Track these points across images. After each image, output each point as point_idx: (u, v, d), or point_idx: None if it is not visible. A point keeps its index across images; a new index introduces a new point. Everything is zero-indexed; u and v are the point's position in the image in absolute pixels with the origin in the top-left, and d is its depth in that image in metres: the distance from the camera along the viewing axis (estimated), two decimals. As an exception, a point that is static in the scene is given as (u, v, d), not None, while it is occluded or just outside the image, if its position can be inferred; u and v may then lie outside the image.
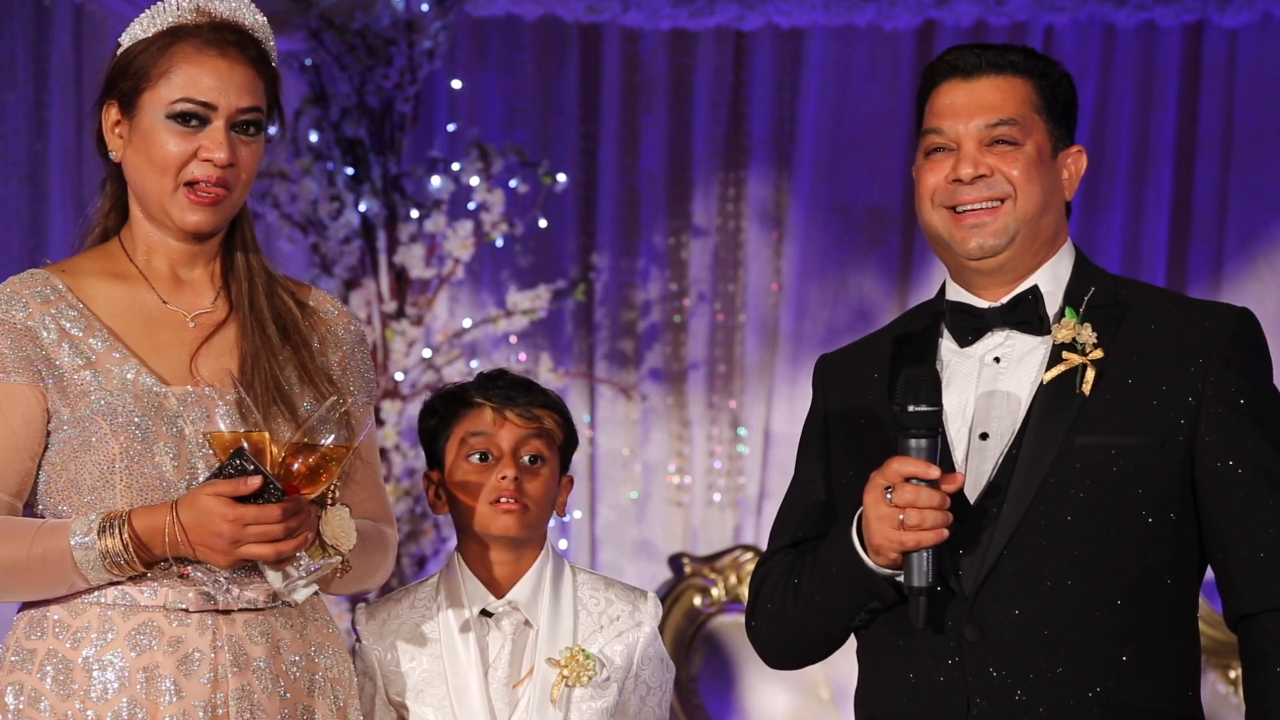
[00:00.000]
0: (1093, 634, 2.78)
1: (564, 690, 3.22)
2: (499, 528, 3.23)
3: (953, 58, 2.96)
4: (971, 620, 2.80)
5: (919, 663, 2.84)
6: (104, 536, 2.85)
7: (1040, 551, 2.79)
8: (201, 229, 2.98)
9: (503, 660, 3.24)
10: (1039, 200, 2.90)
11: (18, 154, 6.22)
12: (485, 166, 6.36)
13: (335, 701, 3.02)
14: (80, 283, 2.99)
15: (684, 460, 6.90)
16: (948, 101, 2.94)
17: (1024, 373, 2.88)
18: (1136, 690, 2.80)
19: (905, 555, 2.75)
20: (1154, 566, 2.81)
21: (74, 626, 2.91)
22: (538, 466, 3.26)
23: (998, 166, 2.89)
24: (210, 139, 2.93)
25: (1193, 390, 2.81)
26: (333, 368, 3.07)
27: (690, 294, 6.93)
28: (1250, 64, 6.69)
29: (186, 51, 2.94)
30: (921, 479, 2.73)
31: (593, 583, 3.32)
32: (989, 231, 2.89)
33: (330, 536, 2.91)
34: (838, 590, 2.87)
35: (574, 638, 3.25)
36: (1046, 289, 2.91)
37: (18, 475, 2.92)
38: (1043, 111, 2.93)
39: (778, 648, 3.03)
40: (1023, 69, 2.94)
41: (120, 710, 2.88)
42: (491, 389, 3.29)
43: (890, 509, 2.74)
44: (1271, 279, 6.71)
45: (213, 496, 2.80)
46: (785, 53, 6.90)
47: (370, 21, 6.30)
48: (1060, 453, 2.81)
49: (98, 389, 2.92)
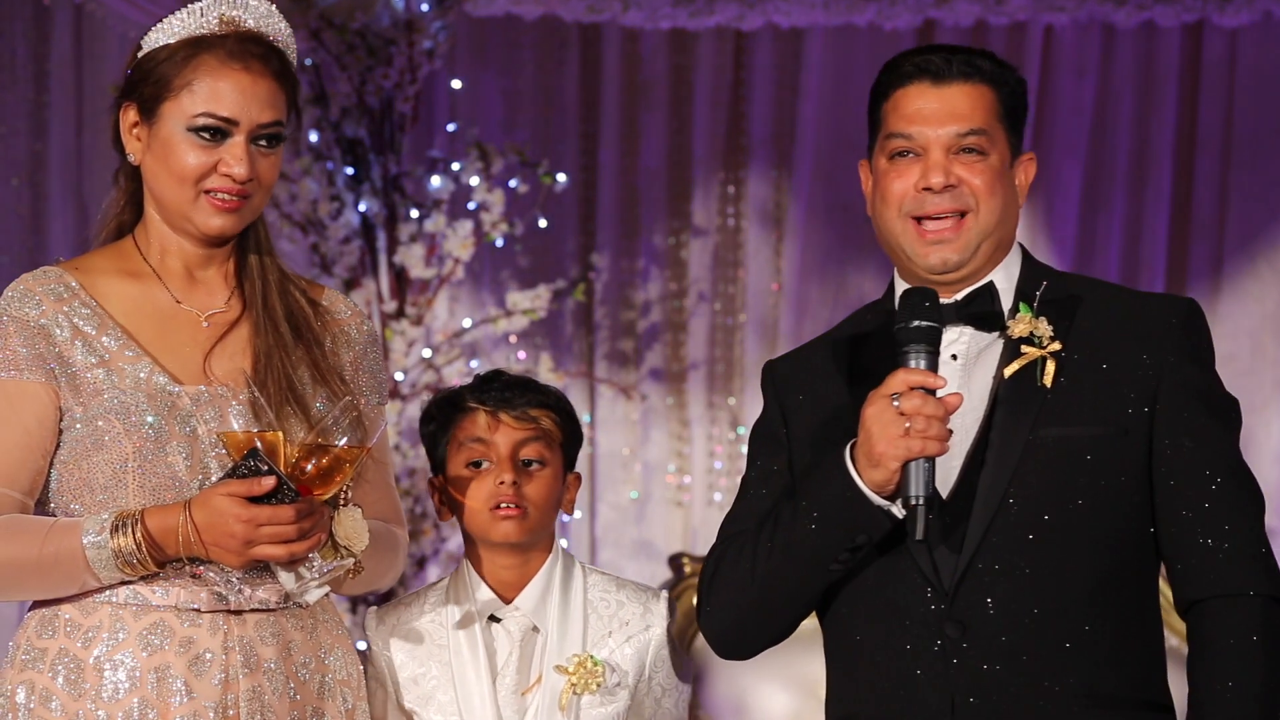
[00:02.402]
0: (1071, 625, 2.80)
1: (573, 698, 3.20)
2: (499, 534, 3.21)
3: (923, 60, 2.94)
4: (952, 617, 2.80)
5: (899, 660, 2.84)
6: (117, 535, 2.85)
7: (1015, 545, 2.80)
8: (225, 233, 2.99)
9: (511, 667, 3.21)
10: (1000, 212, 2.90)
11: (18, 154, 6.22)
12: (485, 166, 6.36)
13: (344, 703, 3.02)
14: (93, 280, 2.99)
15: (684, 460, 6.90)
16: (917, 106, 2.91)
17: (982, 369, 2.89)
18: (1115, 679, 2.81)
19: (905, 467, 2.74)
20: (1123, 556, 2.83)
21: (85, 626, 2.91)
22: (537, 469, 3.23)
23: (964, 178, 2.88)
24: (230, 153, 2.93)
25: (1150, 377, 2.84)
26: (345, 368, 3.07)
27: (690, 294, 6.93)
28: (1250, 64, 6.68)
29: (210, 64, 2.93)
30: (927, 388, 2.75)
31: (604, 584, 3.28)
32: (952, 248, 2.89)
33: (343, 537, 2.91)
34: (823, 526, 2.82)
35: (583, 643, 3.22)
36: (1001, 286, 2.92)
37: (29, 473, 2.92)
38: (1004, 120, 2.93)
39: (741, 620, 2.96)
40: (989, 77, 2.93)
41: (131, 710, 2.88)
42: (486, 393, 3.25)
43: (896, 416, 2.73)
44: (1271, 279, 6.71)
45: (226, 497, 2.80)
46: (785, 52, 6.89)
47: (370, 21, 6.29)
48: (1027, 446, 2.82)
49: (111, 387, 2.91)
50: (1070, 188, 6.74)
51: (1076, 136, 6.73)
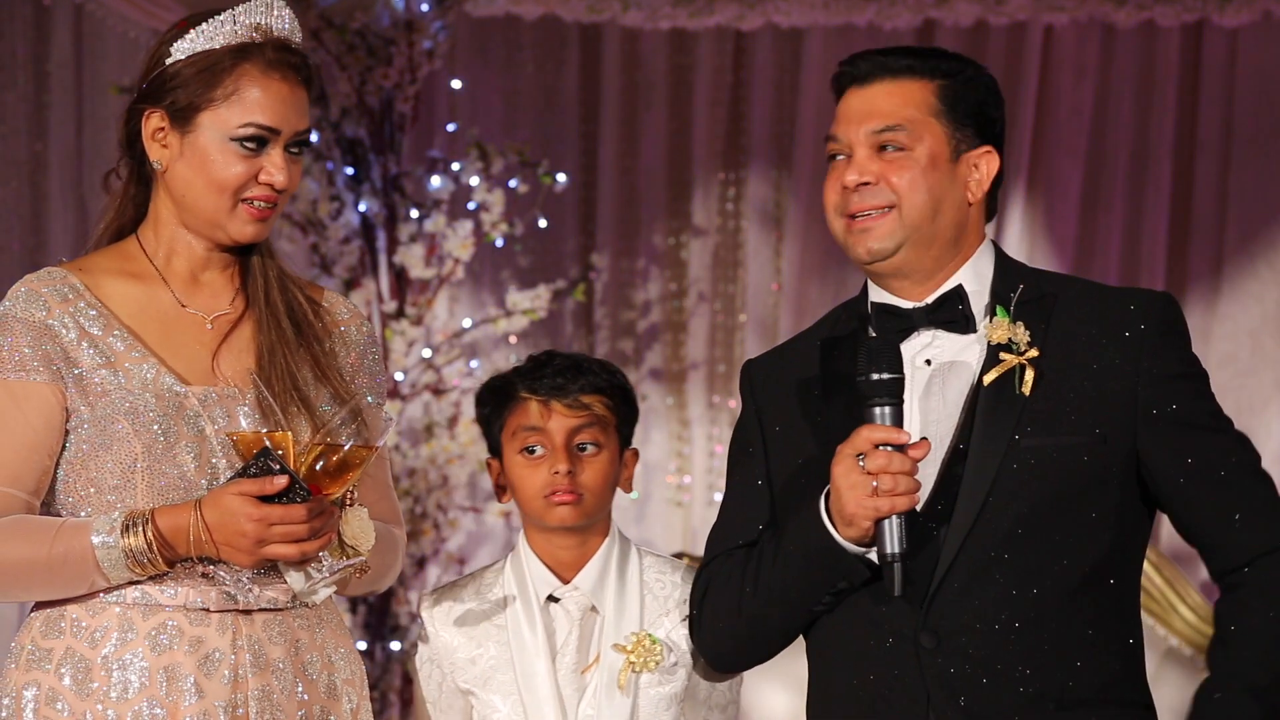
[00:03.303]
0: (1046, 632, 2.80)
1: (631, 676, 3.20)
2: (555, 519, 3.23)
3: (849, 65, 2.98)
4: (926, 626, 2.81)
5: (875, 668, 2.85)
6: (127, 535, 2.85)
7: (992, 555, 2.81)
8: (257, 240, 3.01)
9: (570, 646, 3.23)
10: (925, 206, 2.89)
11: (18, 154, 6.23)
12: (485, 166, 6.35)
13: (350, 703, 3.02)
14: (98, 281, 2.99)
15: (684, 460, 6.90)
16: (843, 108, 2.96)
17: (958, 375, 2.89)
18: (1090, 683, 2.82)
19: (878, 523, 2.75)
20: (1100, 560, 2.83)
21: (92, 626, 2.91)
22: (592, 453, 3.25)
23: (883, 174, 2.89)
24: (272, 163, 2.94)
25: (1129, 379, 2.84)
26: (345, 369, 3.07)
27: (690, 294, 6.93)
28: (1250, 64, 6.68)
29: (253, 74, 2.94)
30: (891, 444, 2.75)
31: (659, 565, 3.30)
32: (874, 236, 2.90)
33: (350, 537, 2.91)
34: (804, 573, 2.86)
35: (640, 622, 3.23)
36: (971, 288, 2.92)
37: (36, 474, 2.92)
38: (942, 115, 2.92)
39: (733, 646, 3.02)
40: (920, 71, 2.93)
41: (141, 710, 2.88)
42: (538, 380, 3.26)
43: (863, 476, 2.75)
44: (1271, 279, 6.71)
45: (238, 496, 2.80)
46: (785, 52, 6.89)
47: (370, 21, 6.29)
48: (1006, 455, 2.82)
49: (118, 388, 2.91)
50: (1070, 188, 6.73)
51: (1076, 136, 6.72)
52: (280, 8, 3.00)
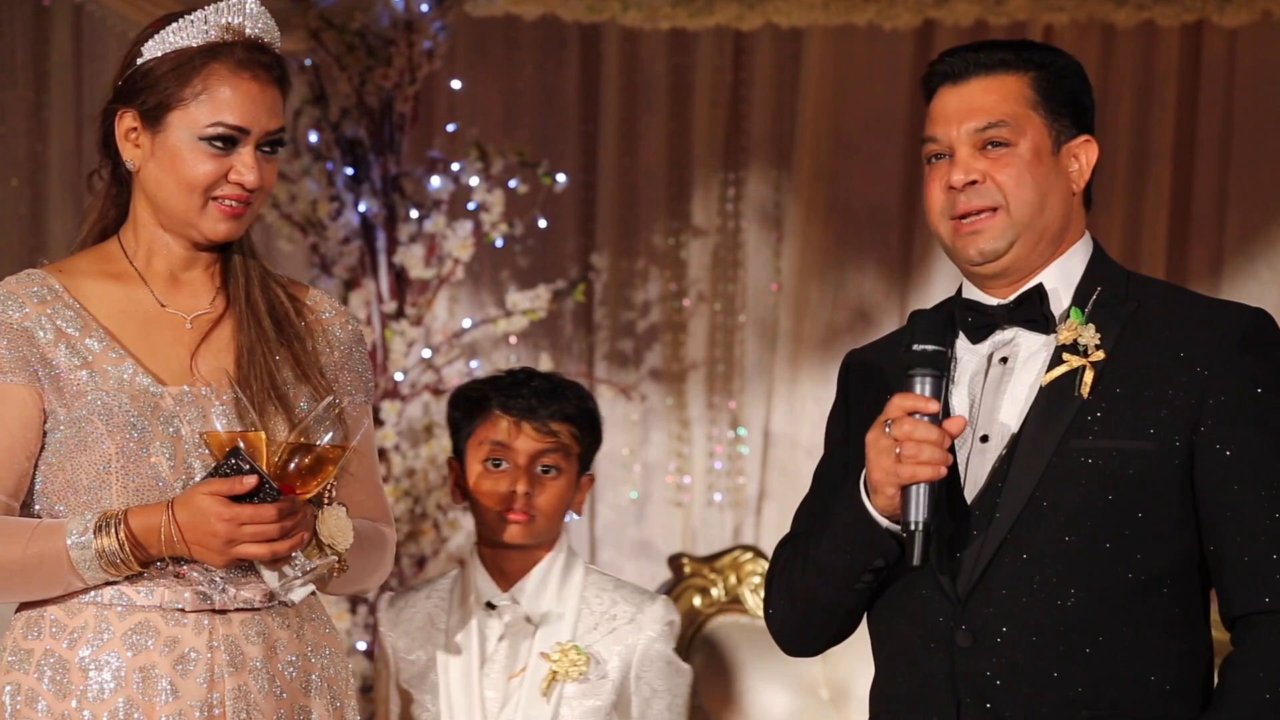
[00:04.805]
0: (1084, 640, 2.77)
1: (555, 685, 3.25)
2: (507, 535, 3.33)
3: (942, 64, 2.95)
4: (963, 624, 2.80)
5: (916, 666, 2.84)
6: (100, 536, 2.86)
7: (1031, 557, 2.78)
8: (230, 238, 3.01)
9: (500, 653, 3.28)
10: (1034, 202, 2.87)
11: (18, 154, 6.23)
12: (485, 167, 6.35)
13: (332, 702, 3.02)
14: (77, 283, 3.00)
15: (684, 460, 6.89)
16: (940, 108, 2.93)
17: (1027, 375, 2.87)
18: (1131, 697, 2.78)
19: (903, 491, 2.74)
20: (1153, 572, 2.78)
21: (70, 626, 2.92)
22: (551, 476, 3.32)
23: (989, 172, 2.87)
24: (241, 162, 2.95)
25: (1195, 394, 2.78)
26: (329, 367, 3.07)
27: (690, 294, 6.93)
28: (1250, 64, 6.68)
29: (221, 73, 2.94)
30: (922, 413, 2.74)
31: (601, 583, 3.36)
32: (985, 238, 2.87)
33: (327, 536, 2.92)
34: (843, 548, 2.85)
35: (572, 634, 3.29)
36: (1051, 286, 2.89)
37: (14, 475, 2.93)
38: (1039, 106, 2.90)
39: (793, 627, 3.00)
40: (1015, 65, 2.91)
41: (117, 710, 2.88)
42: (513, 399, 3.33)
43: (888, 441, 2.75)
44: (1271, 279, 6.71)
45: (208, 496, 2.81)
46: (784, 52, 6.88)
47: (370, 22, 6.29)
48: (1055, 457, 2.79)
49: (94, 389, 2.92)
50: (1070, 188, 6.73)
51: (1087, 129, 6.71)
52: (253, 7, 3.00)
